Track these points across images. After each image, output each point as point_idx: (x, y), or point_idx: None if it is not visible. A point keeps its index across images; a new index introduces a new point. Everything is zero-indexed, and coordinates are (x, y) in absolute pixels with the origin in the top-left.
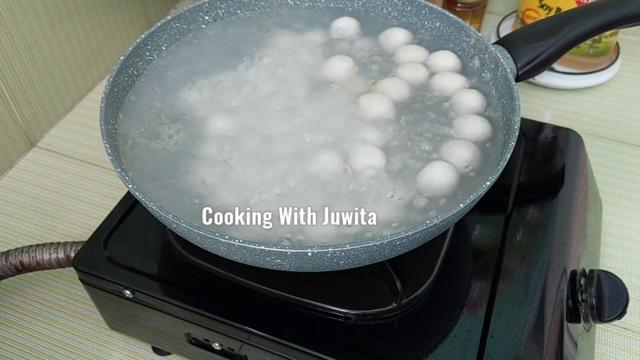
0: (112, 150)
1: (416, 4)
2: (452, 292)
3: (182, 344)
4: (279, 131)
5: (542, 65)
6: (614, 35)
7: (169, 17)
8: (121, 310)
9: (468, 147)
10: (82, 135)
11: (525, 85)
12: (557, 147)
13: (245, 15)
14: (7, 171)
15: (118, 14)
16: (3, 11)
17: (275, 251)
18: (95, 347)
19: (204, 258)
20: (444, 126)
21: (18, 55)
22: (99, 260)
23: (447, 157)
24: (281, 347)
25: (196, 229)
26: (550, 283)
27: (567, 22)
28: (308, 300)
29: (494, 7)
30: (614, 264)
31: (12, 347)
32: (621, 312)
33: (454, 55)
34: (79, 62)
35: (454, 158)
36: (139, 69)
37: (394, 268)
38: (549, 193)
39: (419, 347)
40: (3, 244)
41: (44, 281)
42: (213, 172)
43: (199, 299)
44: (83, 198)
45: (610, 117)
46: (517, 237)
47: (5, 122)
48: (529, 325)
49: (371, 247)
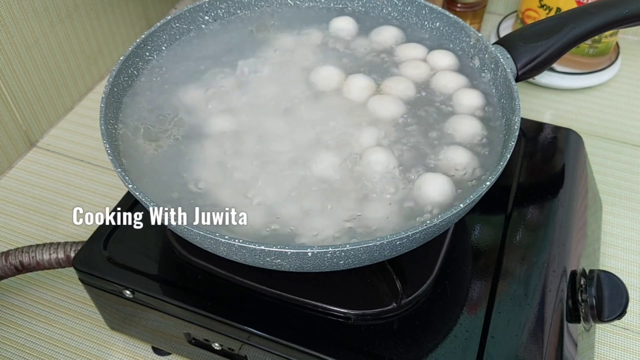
0: (112, 150)
1: (416, 4)
2: (452, 292)
3: (182, 344)
4: (278, 131)
5: (542, 65)
6: (614, 35)
7: (169, 17)
8: (121, 310)
9: (465, 152)
10: (82, 135)
11: (525, 85)
12: (557, 147)
13: (245, 15)
14: (7, 171)
15: (118, 14)
16: (3, 11)
17: (275, 251)
18: (95, 347)
19: (204, 258)
20: (444, 128)
21: (18, 55)
22: (99, 260)
23: (446, 161)
24: (281, 347)
25: (196, 229)
26: (550, 283)
27: (567, 22)
28: (308, 300)
29: (494, 7)
30: (614, 264)
31: (12, 347)
32: (621, 312)
33: (451, 54)
34: (79, 62)
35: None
36: (139, 69)
37: (394, 268)
38: (549, 193)
39: (419, 347)
40: (3, 244)
41: (44, 281)
42: (212, 171)
43: (199, 299)
44: (83, 198)
45: (610, 117)
46: (517, 237)
47: (5, 122)
48: (529, 325)
49: (371, 247)
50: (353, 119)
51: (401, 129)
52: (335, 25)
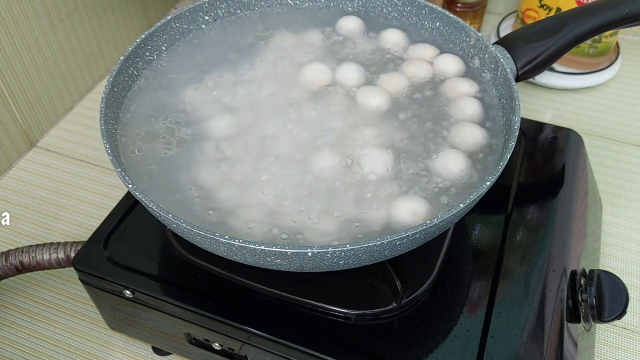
0: (112, 150)
1: (416, 4)
2: (452, 292)
3: (182, 344)
4: (279, 131)
5: (542, 65)
6: (614, 35)
7: (169, 17)
8: (121, 310)
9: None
10: (82, 135)
11: (525, 85)
12: (557, 147)
13: (245, 15)
14: (7, 171)
15: (118, 14)
16: (3, 11)
17: (275, 251)
18: (95, 347)
19: (204, 258)
20: (443, 129)
21: (18, 55)
22: (99, 260)
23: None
24: (281, 347)
25: (196, 229)
26: (550, 283)
27: (567, 22)
28: (308, 300)
29: (494, 7)
30: (614, 264)
31: (12, 347)
32: (621, 312)
33: (458, 59)
34: (79, 62)
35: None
36: (139, 69)
37: (394, 268)
38: (549, 193)
39: (419, 347)
40: (3, 244)
41: (44, 281)
42: (213, 171)
43: (199, 299)
44: (83, 198)
45: (610, 117)
46: (517, 237)
47: (5, 122)
48: (529, 325)
49: (371, 247)
50: (353, 117)
51: (401, 127)
52: (339, 24)
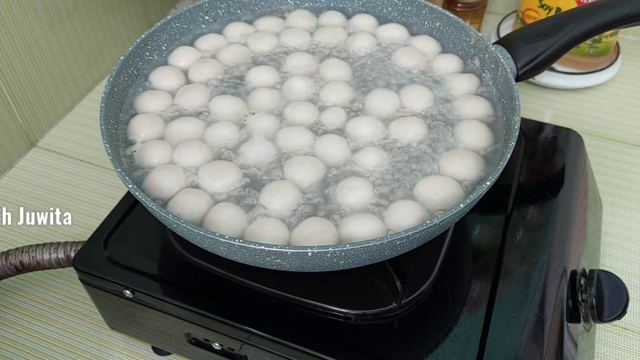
0: (112, 150)
1: (416, 4)
2: (452, 292)
3: (182, 344)
4: (277, 133)
5: (542, 65)
6: (614, 35)
7: (169, 17)
8: (121, 310)
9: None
10: (82, 135)
11: (525, 85)
12: (557, 147)
13: (245, 15)
14: (7, 171)
15: (118, 14)
16: (3, 11)
17: (275, 251)
18: (95, 347)
19: (204, 258)
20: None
21: (18, 55)
22: (99, 260)
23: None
24: (281, 347)
25: (196, 229)
26: (550, 283)
27: (567, 22)
28: (308, 300)
29: (494, 7)
30: (614, 264)
31: (12, 347)
32: (621, 312)
33: (457, 58)
34: (79, 62)
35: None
36: (139, 69)
37: (394, 268)
38: (549, 193)
39: (419, 347)
40: (3, 244)
41: (44, 281)
42: (213, 171)
43: (199, 299)
44: (83, 198)
45: (610, 117)
46: (517, 237)
47: (5, 122)
48: (529, 325)
49: (371, 247)
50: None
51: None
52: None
